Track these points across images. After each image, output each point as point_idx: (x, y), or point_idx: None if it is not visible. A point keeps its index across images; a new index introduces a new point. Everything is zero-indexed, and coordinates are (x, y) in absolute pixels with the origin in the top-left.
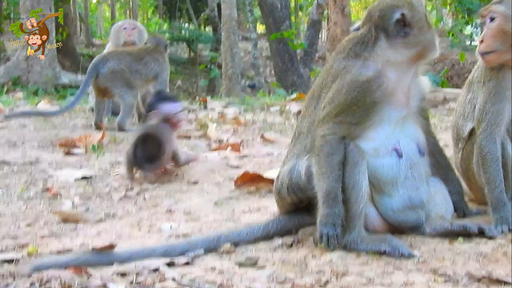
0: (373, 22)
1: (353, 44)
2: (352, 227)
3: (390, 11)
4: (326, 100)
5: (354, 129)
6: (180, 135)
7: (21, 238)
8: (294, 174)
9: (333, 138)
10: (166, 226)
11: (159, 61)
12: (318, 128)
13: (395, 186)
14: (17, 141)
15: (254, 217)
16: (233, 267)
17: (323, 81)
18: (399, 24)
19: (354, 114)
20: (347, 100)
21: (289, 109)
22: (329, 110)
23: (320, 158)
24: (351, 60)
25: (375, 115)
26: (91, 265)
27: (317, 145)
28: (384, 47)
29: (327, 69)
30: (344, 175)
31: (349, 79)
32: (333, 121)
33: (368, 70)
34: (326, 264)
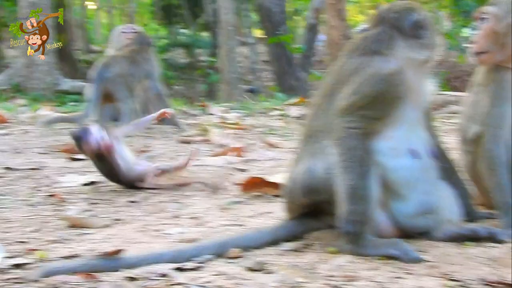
0: (387, 23)
1: (370, 42)
2: None
3: (406, 13)
4: (347, 92)
5: (376, 125)
6: (181, 140)
7: (29, 243)
8: (310, 174)
9: (357, 132)
10: (173, 231)
11: (147, 59)
12: (342, 119)
13: (409, 189)
14: (21, 147)
15: (260, 222)
16: (241, 272)
17: (337, 78)
18: (415, 26)
19: (377, 109)
20: (371, 93)
21: (289, 113)
22: (353, 101)
23: (344, 152)
24: (369, 56)
25: (395, 113)
26: (100, 271)
27: (340, 136)
28: (402, 46)
29: (339, 68)
30: None
31: (371, 73)
32: (357, 114)
33: (390, 64)
34: (335, 269)
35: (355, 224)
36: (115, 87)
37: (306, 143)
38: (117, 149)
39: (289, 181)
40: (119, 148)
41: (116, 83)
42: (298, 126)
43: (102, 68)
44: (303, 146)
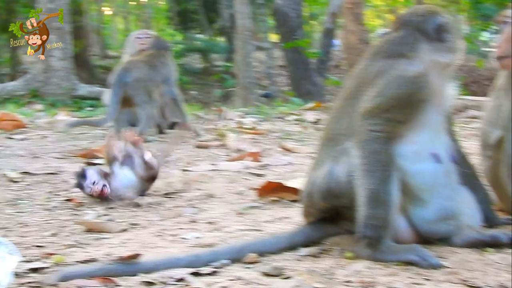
0: (411, 26)
1: (394, 45)
2: None
3: (430, 17)
4: (371, 95)
5: (399, 128)
6: (198, 145)
7: (46, 247)
8: (331, 178)
9: (383, 135)
10: (190, 236)
11: (165, 64)
12: (365, 122)
13: (430, 194)
14: (38, 152)
15: (278, 227)
16: (258, 277)
17: (359, 81)
18: (439, 29)
19: (401, 112)
20: (395, 95)
21: (305, 118)
22: (377, 104)
23: (367, 155)
24: (393, 59)
25: (418, 116)
26: (117, 275)
27: (364, 139)
28: (426, 49)
29: (361, 70)
30: None
31: (395, 75)
32: (381, 117)
33: (414, 67)
34: (353, 274)
35: (375, 229)
36: (134, 91)
37: (326, 146)
38: (114, 175)
39: (308, 185)
40: (117, 173)
41: (135, 87)
42: (315, 131)
43: (121, 72)
44: (323, 149)
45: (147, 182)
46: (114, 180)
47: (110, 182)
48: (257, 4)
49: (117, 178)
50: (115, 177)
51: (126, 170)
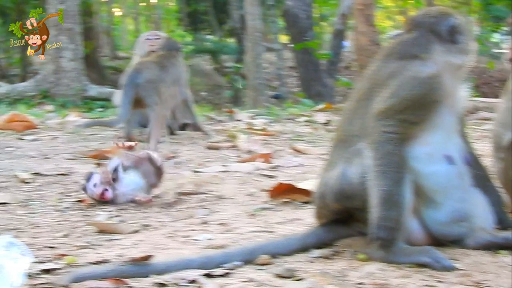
0: (424, 28)
1: (407, 46)
2: None
3: (443, 18)
4: (385, 96)
5: (413, 129)
6: (209, 146)
7: (58, 248)
8: (344, 179)
9: (396, 137)
10: (202, 237)
11: (175, 65)
12: (378, 123)
13: (443, 196)
14: (49, 153)
15: (289, 229)
16: (271, 278)
17: (372, 82)
18: (452, 31)
19: (414, 113)
20: (409, 96)
21: (316, 120)
22: (390, 105)
23: (380, 156)
24: (407, 60)
25: (432, 118)
26: (129, 276)
27: (377, 140)
28: (440, 50)
29: (374, 72)
30: None
31: (409, 76)
32: (395, 118)
33: (428, 68)
34: (366, 276)
35: (388, 231)
36: (145, 92)
37: (338, 147)
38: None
39: (320, 186)
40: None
41: (146, 88)
42: (325, 132)
43: (132, 73)
44: (335, 150)
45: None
46: (121, 186)
47: (115, 186)
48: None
49: (123, 183)
50: (121, 183)
51: (132, 173)
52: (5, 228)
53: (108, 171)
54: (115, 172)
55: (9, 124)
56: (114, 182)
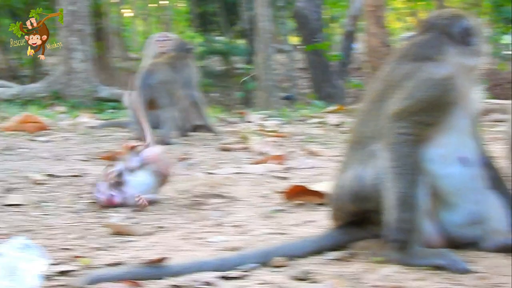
0: (437, 30)
1: (420, 48)
2: None
3: (456, 20)
4: (399, 97)
5: (427, 131)
6: (221, 148)
7: (73, 250)
8: (359, 181)
9: (412, 139)
10: (216, 239)
11: (187, 66)
12: (393, 124)
13: (459, 198)
14: (61, 154)
15: (304, 231)
16: (286, 281)
17: (386, 83)
18: (465, 33)
19: (429, 115)
20: (423, 98)
21: (328, 121)
22: (405, 106)
23: (395, 158)
24: (421, 62)
25: (446, 119)
26: (144, 278)
27: (392, 142)
28: (453, 52)
29: (388, 73)
30: None
31: (423, 78)
32: (411, 120)
33: (442, 69)
34: (381, 279)
35: (403, 233)
36: (158, 94)
37: (353, 149)
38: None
39: (336, 188)
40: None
41: (159, 90)
42: (337, 133)
43: (145, 75)
44: (350, 152)
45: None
46: (129, 188)
47: (122, 190)
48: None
49: (131, 185)
50: (128, 185)
51: (140, 174)
52: (19, 229)
53: (109, 173)
54: (120, 175)
55: (21, 125)
56: (120, 186)
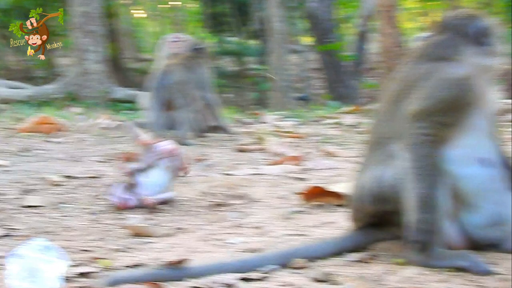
0: (453, 30)
1: (437, 48)
2: None
3: (472, 20)
4: (417, 98)
5: (447, 131)
6: (238, 149)
7: (93, 252)
8: (379, 182)
9: (432, 139)
10: (236, 241)
11: (200, 67)
12: (414, 124)
13: (479, 199)
14: (78, 155)
15: (324, 232)
16: (307, 282)
17: (404, 84)
18: (481, 33)
19: (448, 115)
20: (442, 98)
21: (344, 122)
22: (423, 106)
23: (416, 159)
24: (439, 62)
25: (465, 120)
26: (165, 280)
27: (412, 142)
28: (470, 53)
29: (405, 74)
30: None
31: (441, 78)
32: (430, 120)
33: (460, 69)
34: (404, 280)
35: (425, 234)
36: (175, 94)
37: (373, 150)
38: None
39: (356, 189)
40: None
41: (175, 90)
42: (354, 134)
43: (161, 76)
44: (369, 153)
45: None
46: (143, 189)
47: (136, 192)
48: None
49: (145, 186)
50: (141, 187)
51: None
52: (38, 231)
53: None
54: (133, 176)
55: (37, 126)
56: (133, 188)
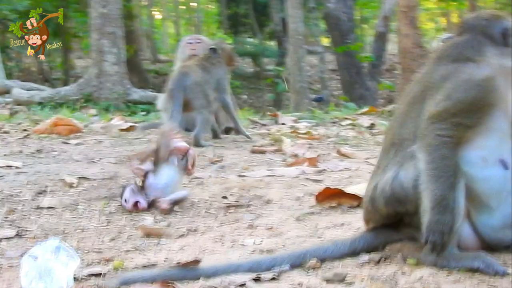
0: (476, 31)
1: (460, 49)
2: None
3: (496, 21)
4: (439, 99)
5: (467, 133)
6: (254, 150)
7: (106, 252)
8: (396, 184)
9: (451, 140)
10: (249, 241)
11: (217, 67)
12: (433, 125)
13: (497, 201)
14: (94, 157)
15: (337, 233)
16: (320, 283)
17: (425, 85)
18: (505, 34)
19: (469, 116)
20: (464, 99)
21: (361, 123)
22: (445, 107)
23: (434, 160)
24: (461, 63)
25: (486, 121)
26: (177, 280)
27: (431, 143)
28: (493, 53)
29: (426, 75)
30: None
31: (464, 79)
32: (450, 121)
33: (483, 70)
34: (416, 281)
35: (440, 235)
36: (193, 95)
37: (390, 151)
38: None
39: (371, 190)
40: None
41: (194, 91)
42: (370, 136)
43: (179, 77)
44: (386, 154)
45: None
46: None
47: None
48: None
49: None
50: (152, 189)
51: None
52: (53, 231)
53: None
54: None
55: (54, 128)
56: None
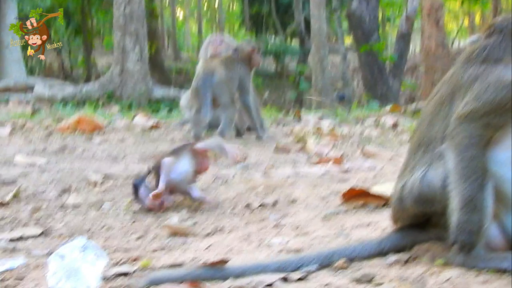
0: (505, 32)
1: (489, 50)
2: None
3: None
4: (468, 99)
5: (497, 133)
6: (279, 149)
7: (132, 251)
8: (425, 183)
9: (480, 141)
10: (276, 241)
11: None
12: (462, 125)
13: None
14: (118, 155)
15: (364, 233)
16: (349, 283)
17: (454, 85)
18: None
19: (499, 117)
20: (494, 100)
21: (384, 122)
22: (475, 107)
23: (464, 160)
24: (491, 64)
25: None
26: (205, 280)
27: (460, 144)
28: None
29: (455, 75)
30: None
31: (494, 80)
32: (480, 122)
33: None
34: (445, 281)
35: (468, 235)
36: (220, 92)
37: (418, 151)
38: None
39: (399, 190)
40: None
41: (220, 88)
42: (394, 135)
43: (206, 74)
44: (414, 154)
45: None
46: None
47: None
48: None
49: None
50: (172, 171)
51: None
52: (78, 230)
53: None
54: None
55: (77, 125)
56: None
